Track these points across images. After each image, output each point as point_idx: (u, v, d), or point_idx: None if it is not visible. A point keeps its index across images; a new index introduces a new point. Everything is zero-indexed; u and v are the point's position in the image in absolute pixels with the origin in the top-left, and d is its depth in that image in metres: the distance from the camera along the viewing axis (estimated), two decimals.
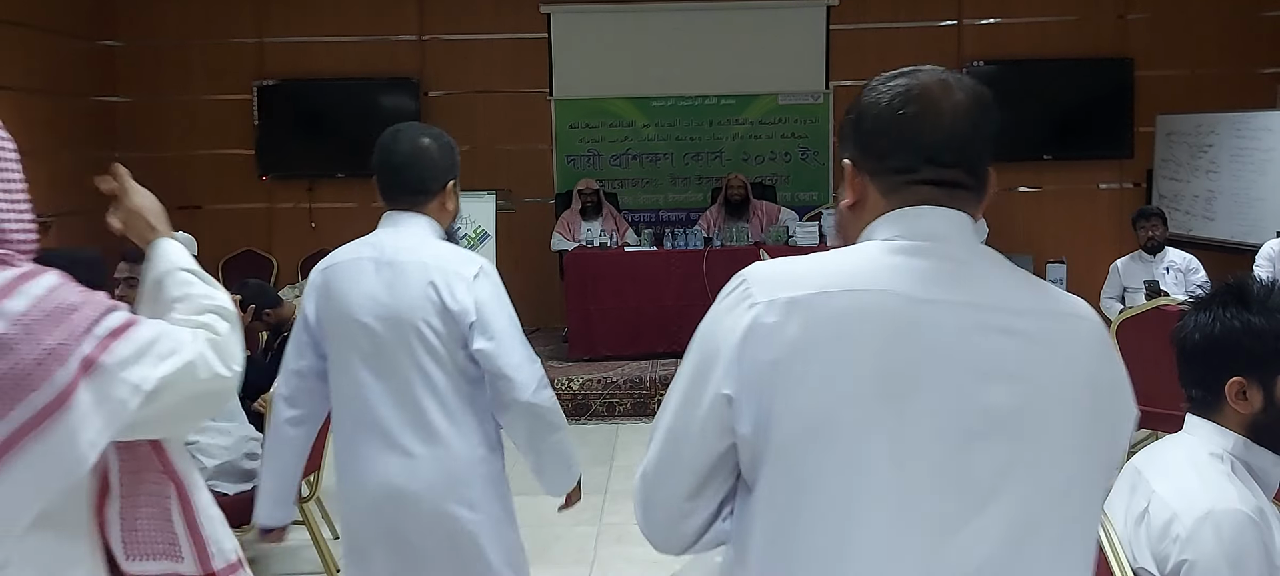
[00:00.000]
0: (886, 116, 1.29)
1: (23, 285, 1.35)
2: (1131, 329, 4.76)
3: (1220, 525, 1.69)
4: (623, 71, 8.85)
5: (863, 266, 1.24)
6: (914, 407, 1.16)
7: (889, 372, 1.17)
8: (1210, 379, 1.82)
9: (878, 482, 1.16)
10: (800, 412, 1.18)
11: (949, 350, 1.18)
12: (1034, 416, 1.19)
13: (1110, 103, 8.68)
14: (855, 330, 1.18)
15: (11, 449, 1.28)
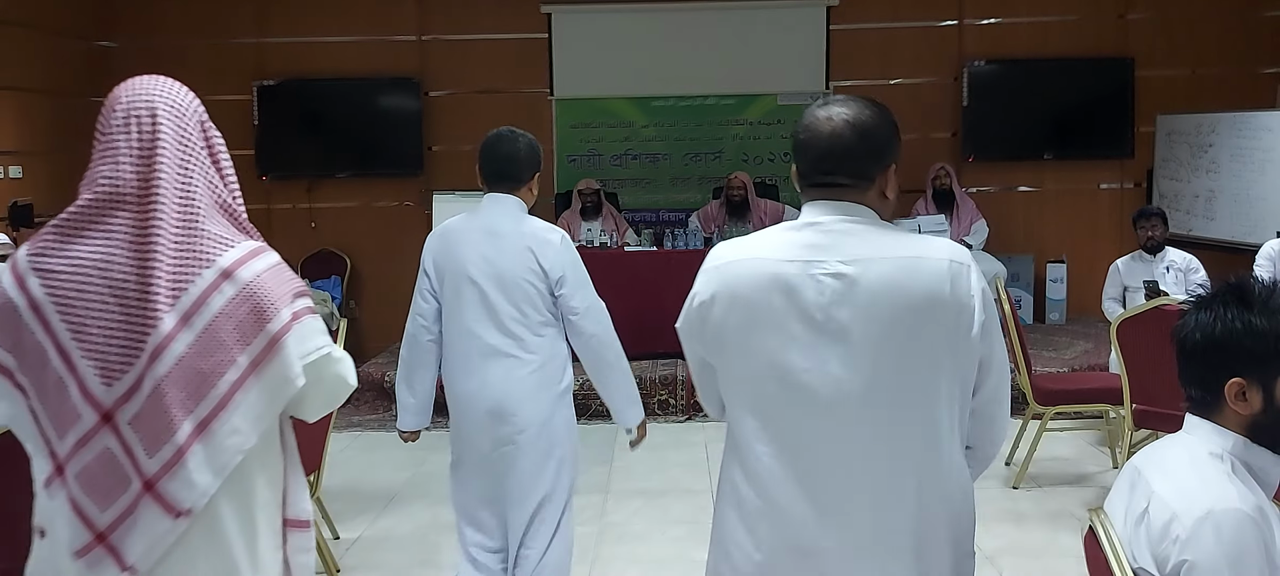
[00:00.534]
0: (795, 142, 1.95)
1: (261, 254, 1.87)
2: (1131, 329, 4.76)
3: (1220, 525, 1.69)
4: (623, 71, 8.85)
5: (764, 242, 1.93)
6: (770, 327, 1.85)
7: (757, 305, 1.87)
8: (1210, 379, 1.82)
9: (756, 380, 1.90)
10: (717, 335, 1.94)
11: (794, 289, 1.84)
12: (857, 323, 1.81)
13: (1110, 102, 8.68)
14: (749, 287, 1.89)
15: (255, 370, 1.81)
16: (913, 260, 1.84)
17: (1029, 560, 4.37)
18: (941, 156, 8.56)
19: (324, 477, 4.41)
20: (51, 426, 1.82)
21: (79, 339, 1.77)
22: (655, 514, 5.03)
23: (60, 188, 7.93)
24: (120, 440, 1.77)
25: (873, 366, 1.81)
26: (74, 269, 1.80)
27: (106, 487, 1.79)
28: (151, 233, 1.80)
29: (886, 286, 1.81)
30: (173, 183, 1.88)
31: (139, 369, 1.75)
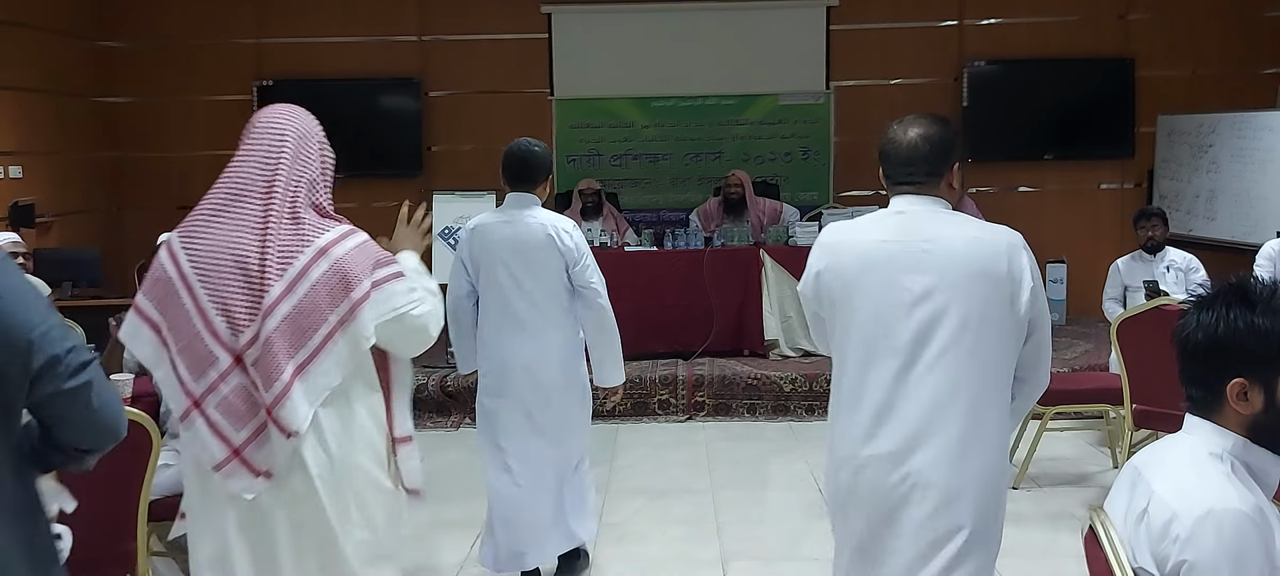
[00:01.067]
0: (880, 151, 2.59)
1: (350, 236, 2.41)
2: (1131, 329, 4.76)
3: (1221, 525, 1.69)
4: (623, 71, 8.85)
5: (867, 224, 2.56)
6: (869, 288, 2.43)
7: (864, 282, 2.44)
8: (1212, 379, 1.81)
9: (859, 328, 2.45)
10: (830, 296, 2.52)
11: (886, 261, 2.42)
12: (950, 296, 2.36)
13: (1111, 103, 8.67)
14: (853, 257, 2.49)
15: (341, 326, 2.35)
16: (977, 239, 2.43)
17: (1029, 560, 4.36)
18: None
19: None
20: (187, 371, 2.35)
21: (213, 300, 2.34)
22: (656, 514, 5.03)
23: (61, 187, 7.93)
24: (248, 377, 2.33)
25: (945, 318, 2.37)
26: (211, 247, 2.36)
27: (241, 413, 2.34)
28: (268, 221, 2.35)
29: (957, 258, 2.39)
30: (286, 185, 2.40)
31: (257, 324, 2.31)
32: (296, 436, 2.32)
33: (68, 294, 6.69)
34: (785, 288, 7.27)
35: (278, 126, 2.52)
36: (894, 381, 2.40)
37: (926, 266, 2.40)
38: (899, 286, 2.40)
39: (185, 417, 2.38)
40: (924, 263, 2.40)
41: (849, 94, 8.88)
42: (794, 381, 6.77)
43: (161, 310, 2.39)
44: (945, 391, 2.37)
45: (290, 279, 2.33)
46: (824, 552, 4.51)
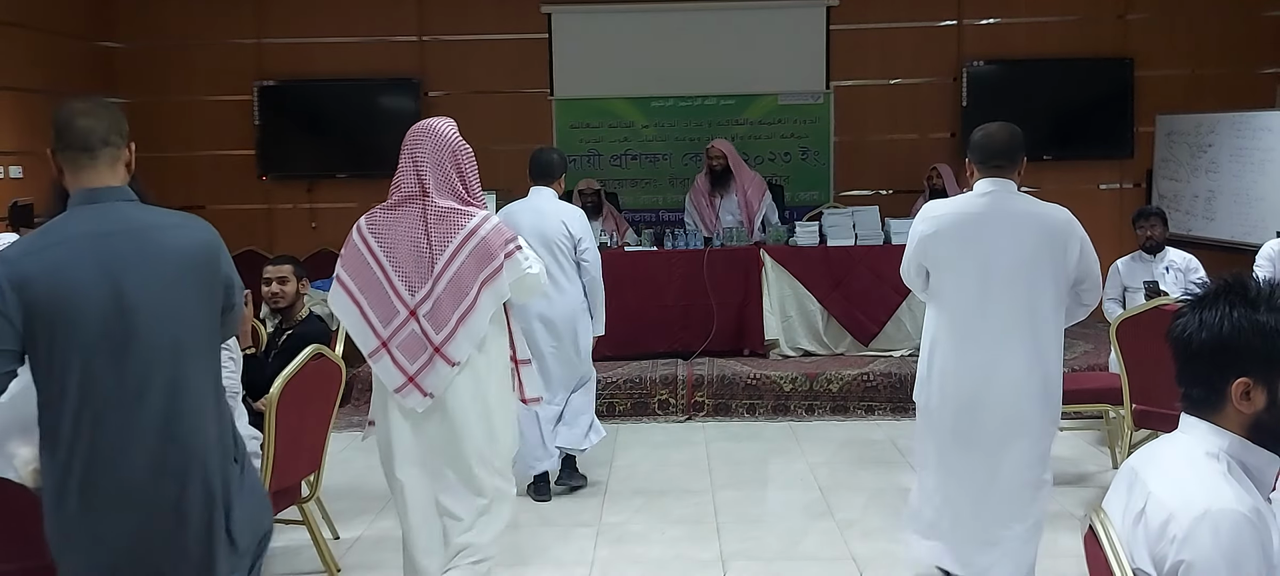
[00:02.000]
0: (972, 144, 3.59)
1: (489, 220, 3.34)
2: (1131, 329, 4.77)
3: (1217, 525, 1.69)
4: (623, 71, 8.86)
5: (962, 200, 3.64)
6: (972, 250, 3.52)
7: (964, 237, 3.54)
8: (1215, 379, 1.81)
9: (965, 280, 3.54)
10: (934, 252, 3.63)
11: (985, 227, 3.50)
12: (1021, 249, 3.47)
13: (1110, 103, 8.68)
14: (953, 222, 3.58)
15: (486, 285, 3.30)
16: (1043, 213, 3.59)
17: None
18: (941, 157, 8.55)
19: (324, 477, 4.41)
20: (377, 320, 3.39)
21: (396, 270, 3.38)
22: (655, 514, 5.03)
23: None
24: (419, 325, 3.34)
25: (1017, 267, 3.50)
26: (392, 233, 3.40)
27: (414, 352, 3.34)
28: (427, 215, 3.37)
29: (1029, 227, 3.53)
30: (435, 187, 3.39)
31: (427, 287, 3.34)
32: (458, 366, 3.33)
33: None
34: (785, 287, 7.28)
35: (421, 141, 3.48)
36: (980, 312, 3.52)
37: (1007, 231, 3.51)
38: (989, 244, 3.51)
39: (375, 354, 3.40)
40: (1006, 227, 3.52)
41: (848, 94, 8.88)
42: (794, 381, 6.77)
43: (354, 277, 3.42)
44: (1016, 318, 3.49)
45: (449, 254, 3.33)
46: (824, 552, 4.52)
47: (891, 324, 7.30)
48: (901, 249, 6.98)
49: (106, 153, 2.50)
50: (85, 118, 2.43)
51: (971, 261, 3.53)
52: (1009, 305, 3.48)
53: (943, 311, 3.62)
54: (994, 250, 3.49)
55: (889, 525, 4.80)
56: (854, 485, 5.38)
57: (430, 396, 3.35)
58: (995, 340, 3.49)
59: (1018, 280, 3.47)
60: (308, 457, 4.12)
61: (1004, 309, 3.48)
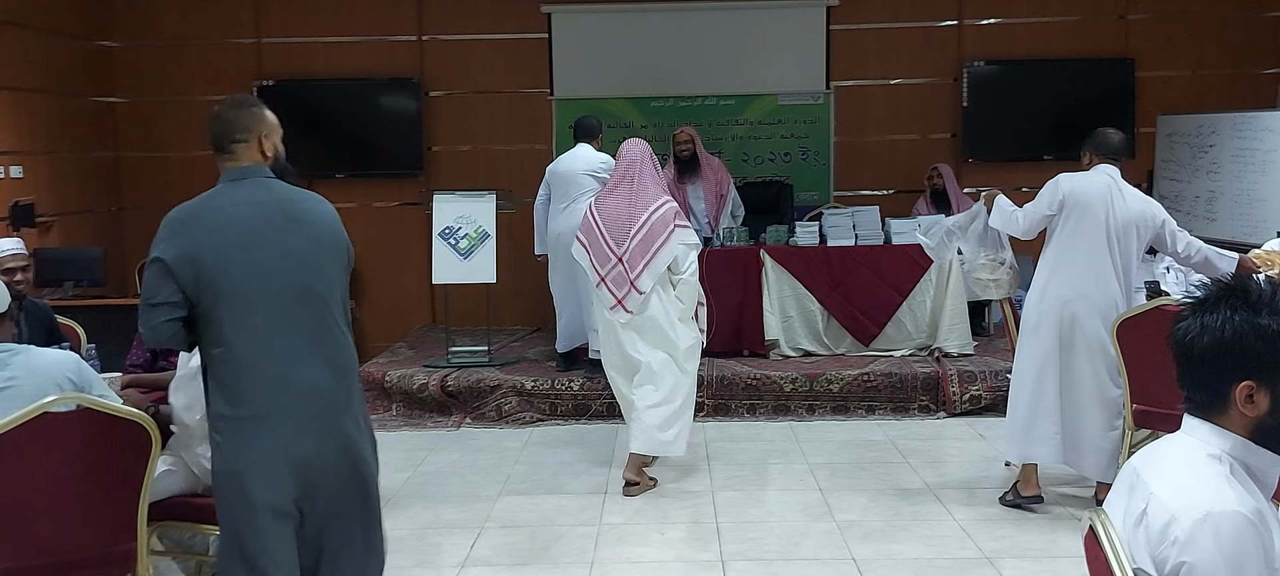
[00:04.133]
0: (1098, 140, 4.97)
1: (668, 203, 5.27)
2: (1131, 329, 4.76)
3: (1219, 527, 1.69)
4: (623, 71, 8.85)
5: (1088, 176, 4.92)
6: (1091, 209, 4.81)
7: (1090, 199, 4.81)
8: (1217, 382, 1.80)
9: (1076, 229, 4.82)
10: (1062, 208, 4.86)
11: (1102, 195, 4.81)
12: (1122, 213, 4.84)
13: (1111, 103, 8.65)
14: (1084, 195, 4.83)
15: (663, 245, 5.18)
16: (1145, 198, 4.89)
17: (1029, 562, 4.36)
18: (941, 157, 8.55)
19: None
20: (598, 263, 5.27)
21: (611, 232, 5.24)
22: (655, 515, 5.03)
23: (60, 187, 7.93)
24: (624, 267, 5.19)
25: (1120, 231, 4.76)
26: (606, 208, 5.30)
27: (620, 284, 5.20)
28: (632, 197, 5.25)
29: (1134, 202, 4.81)
30: (637, 181, 5.27)
31: (627, 243, 5.18)
32: (644, 295, 5.16)
33: (69, 293, 6.68)
34: (785, 287, 7.27)
35: (626, 156, 5.38)
36: (1089, 259, 4.76)
37: (1118, 204, 4.75)
38: (1104, 210, 4.75)
39: (598, 285, 5.31)
40: (1118, 202, 4.76)
41: (848, 94, 8.88)
42: (794, 381, 6.76)
43: (585, 237, 5.37)
44: (1106, 266, 4.77)
45: (640, 222, 5.19)
46: (824, 553, 4.51)
47: (892, 324, 7.30)
48: (902, 249, 7.00)
49: (236, 148, 2.92)
50: (215, 123, 2.92)
51: (1090, 224, 4.77)
52: (1105, 260, 4.80)
53: (1053, 256, 4.90)
54: (1107, 218, 4.76)
55: (889, 526, 4.80)
56: (854, 486, 5.37)
57: (630, 312, 5.21)
58: (1086, 282, 4.79)
59: (1117, 244, 4.78)
60: None
61: (1102, 262, 4.80)
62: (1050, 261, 4.85)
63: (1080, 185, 4.81)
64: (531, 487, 5.51)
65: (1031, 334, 4.87)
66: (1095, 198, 4.75)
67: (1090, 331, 4.76)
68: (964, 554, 4.45)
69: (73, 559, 3.15)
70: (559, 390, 6.80)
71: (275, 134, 3.04)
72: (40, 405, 3.03)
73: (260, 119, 2.99)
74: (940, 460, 5.81)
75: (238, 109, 2.99)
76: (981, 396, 6.68)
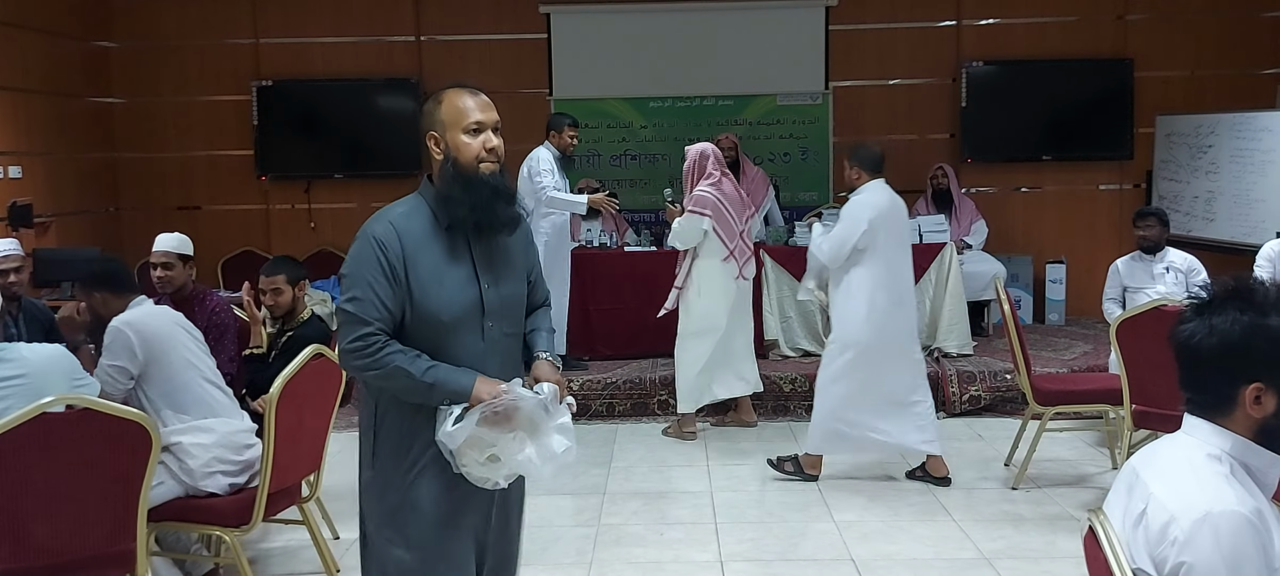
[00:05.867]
0: (867, 154, 5.33)
1: (705, 183, 6.06)
2: (1131, 329, 4.76)
3: (1218, 527, 1.69)
4: (622, 72, 8.85)
5: (881, 197, 5.30)
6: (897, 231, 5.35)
7: (885, 218, 5.23)
8: (1224, 383, 1.79)
9: (892, 244, 5.25)
10: (876, 233, 5.16)
11: (897, 214, 5.34)
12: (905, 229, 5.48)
13: (1110, 103, 8.67)
14: (885, 213, 5.24)
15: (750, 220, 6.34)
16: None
17: (1028, 563, 4.36)
18: (940, 157, 8.55)
19: (324, 477, 4.40)
20: (727, 238, 6.00)
21: (731, 210, 6.04)
22: (653, 516, 5.02)
23: (58, 188, 7.92)
24: (743, 241, 6.12)
25: (904, 236, 5.37)
26: (724, 191, 6.07)
27: (743, 254, 6.12)
28: (736, 186, 6.29)
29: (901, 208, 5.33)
30: (727, 170, 6.26)
31: (746, 220, 6.23)
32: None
33: (67, 294, 6.67)
34: (785, 287, 7.27)
35: (714, 154, 6.15)
36: (903, 268, 5.33)
37: (898, 213, 5.35)
38: (897, 223, 5.34)
39: (726, 259, 6.01)
40: (897, 211, 5.34)
41: (847, 94, 8.88)
42: (794, 381, 6.76)
43: (714, 216, 5.93)
44: (909, 270, 5.39)
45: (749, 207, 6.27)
46: (823, 553, 4.51)
47: None
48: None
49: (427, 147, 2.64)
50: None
51: (896, 239, 5.19)
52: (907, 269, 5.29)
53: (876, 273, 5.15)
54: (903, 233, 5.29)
55: (889, 526, 4.80)
56: (852, 486, 5.37)
57: (748, 280, 6.14)
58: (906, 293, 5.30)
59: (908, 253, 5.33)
60: (308, 458, 4.11)
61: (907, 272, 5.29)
62: (866, 277, 5.14)
63: (880, 206, 5.16)
64: (530, 487, 5.48)
65: (869, 342, 5.17)
66: (897, 214, 5.25)
67: (908, 330, 5.32)
68: (963, 554, 4.45)
69: (72, 559, 3.15)
70: None
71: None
72: (38, 406, 3.03)
73: (426, 119, 2.72)
74: None
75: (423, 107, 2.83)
76: (981, 396, 6.68)
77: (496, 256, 2.60)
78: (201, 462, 3.76)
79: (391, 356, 2.45)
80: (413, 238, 2.50)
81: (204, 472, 3.76)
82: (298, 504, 4.15)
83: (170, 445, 3.72)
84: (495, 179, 2.58)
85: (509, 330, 2.64)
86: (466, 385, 2.47)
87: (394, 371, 2.45)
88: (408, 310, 2.49)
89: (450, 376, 2.47)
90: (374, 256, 2.48)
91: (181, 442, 3.75)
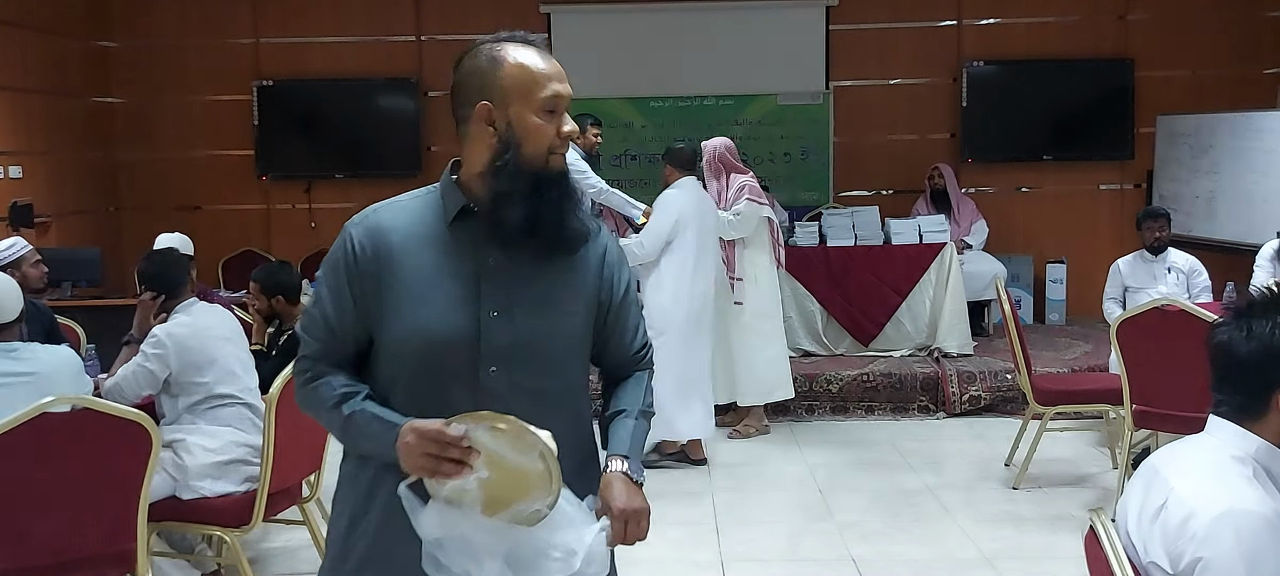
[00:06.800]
0: (676, 154, 5.94)
1: (745, 176, 6.14)
2: (1131, 329, 4.76)
3: (1239, 525, 1.69)
4: (622, 72, 8.84)
5: (690, 192, 5.81)
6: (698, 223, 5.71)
7: (693, 214, 5.72)
8: (1259, 387, 1.80)
9: (698, 237, 5.68)
10: (685, 228, 5.65)
11: (705, 209, 5.83)
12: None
13: (1110, 103, 8.66)
14: (693, 209, 5.72)
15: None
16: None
17: (1028, 563, 4.36)
18: (940, 157, 8.55)
19: (324, 477, 4.40)
20: (772, 227, 6.20)
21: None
22: (654, 516, 4.99)
23: (58, 188, 7.92)
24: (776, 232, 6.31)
25: (713, 229, 5.82)
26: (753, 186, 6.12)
27: (779, 243, 6.27)
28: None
29: (710, 204, 5.84)
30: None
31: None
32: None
33: (67, 294, 6.67)
34: (784, 287, 7.26)
35: (708, 147, 6.06)
36: (709, 259, 5.76)
37: (706, 208, 5.80)
38: (704, 217, 5.73)
39: (773, 248, 6.19)
40: (706, 206, 5.79)
41: (848, 94, 8.87)
42: (794, 381, 6.75)
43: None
44: (712, 261, 5.82)
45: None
46: (823, 554, 4.51)
47: (891, 325, 7.29)
48: (901, 249, 7.03)
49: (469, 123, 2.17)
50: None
51: (700, 233, 5.58)
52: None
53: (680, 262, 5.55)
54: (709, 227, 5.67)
55: (889, 527, 4.79)
56: (853, 486, 5.37)
57: (783, 267, 6.41)
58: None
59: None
60: (308, 457, 4.10)
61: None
62: (675, 267, 5.54)
63: (688, 202, 5.59)
64: None
65: (680, 328, 5.53)
66: (704, 209, 5.67)
67: (709, 321, 5.71)
68: (963, 554, 4.45)
69: (72, 559, 3.15)
70: None
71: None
72: (39, 406, 3.03)
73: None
74: (939, 460, 5.81)
75: None
76: (981, 397, 6.67)
77: (525, 273, 1.86)
78: (199, 463, 3.76)
79: (319, 388, 1.88)
80: (402, 239, 1.86)
81: (198, 473, 3.75)
82: (298, 504, 4.15)
83: (172, 442, 3.72)
84: (568, 180, 1.91)
85: (533, 383, 1.84)
86: (390, 430, 1.76)
87: (318, 406, 1.89)
88: (377, 338, 1.86)
89: (373, 419, 1.81)
90: (340, 261, 1.87)
91: (185, 440, 3.76)
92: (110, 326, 5.03)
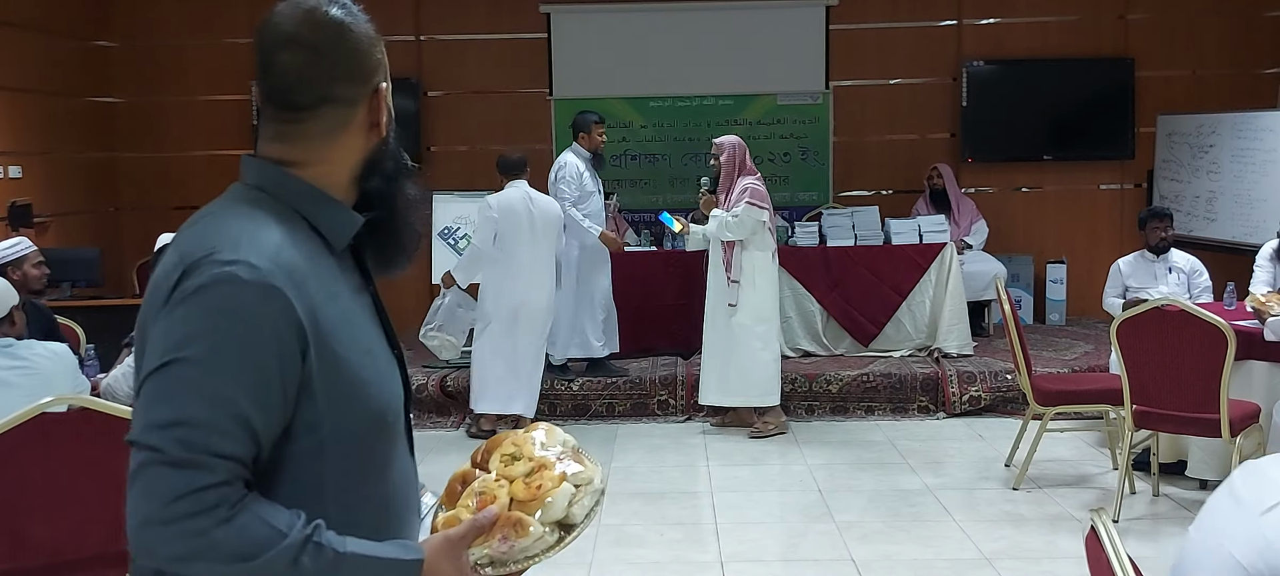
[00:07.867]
0: (503, 162, 6.31)
1: (751, 178, 6.13)
2: (1131, 330, 4.75)
3: None
4: (622, 72, 8.84)
5: (508, 195, 6.23)
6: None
7: (509, 215, 6.15)
8: None
9: (518, 237, 6.16)
10: (502, 229, 6.15)
11: (519, 210, 6.17)
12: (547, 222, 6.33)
13: (1111, 103, 8.66)
14: (510, 211, 6.15)
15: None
16: (549, 198, 6.34)
17: (1029, 563, 4.36)
18: (940, 157, 8.55)
19: None
20: (773, 230, 6.26)
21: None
22: (653, 516, 5.02)
23: (57, 188, 7.91)
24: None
25: (540, 229, 6.17)
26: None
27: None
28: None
29: (544, 205, 6.24)
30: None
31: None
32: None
33: (67, 294, 6.66)
34: (784, 287, 7.26)
35: (727, 144, 6.21)
36: (530, 258, 6.13)
37: (535, 209, 6.17)
38: (526, 217, 6.12)
39: (775, 251, 6.23)
40: (534, 208, 6.15)
41: (847, 94, 8.87)
42: (794, 381, 6.75)
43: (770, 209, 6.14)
44: (541, 259, 6.22)
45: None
46: (823, 554, 4.51)
47: (891, 325, 7.30)
48: (901, 249, 7.02)
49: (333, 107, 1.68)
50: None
51: (516, 231, 6.03)
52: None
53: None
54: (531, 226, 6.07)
55: (889, 527, 4.79)
56: (853, 487, 5.37)
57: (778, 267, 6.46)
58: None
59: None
60: None
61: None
62: (501, 265, 6.05)
63: (504, 204, 6.05)
64: None
65: (501, 319, 6.08)
66: (519, 210, 6.03)
67: (536, 309, 6.13)
68: (963, 554, 4.45)
69: (72, 559, 3.14)
70: (558, 390, 6.79)
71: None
72: (39, 406, 3.02)
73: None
74: (939, 461, 5.81)
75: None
76: (981, 397, 6.67)
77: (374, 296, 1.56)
78: None
79: (249, 529, 1.28)
80: (315, 284, 1.38)
81: None
82: None
83: None
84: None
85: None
86: (398, 568, 1.36)
87: (249, 556, 1.28)
88: (295, 432, 1.35)
89: (369, 559, 1.34)
90: (265, 329, 1.30)
91: None
92: (110, 326, 5.03)
